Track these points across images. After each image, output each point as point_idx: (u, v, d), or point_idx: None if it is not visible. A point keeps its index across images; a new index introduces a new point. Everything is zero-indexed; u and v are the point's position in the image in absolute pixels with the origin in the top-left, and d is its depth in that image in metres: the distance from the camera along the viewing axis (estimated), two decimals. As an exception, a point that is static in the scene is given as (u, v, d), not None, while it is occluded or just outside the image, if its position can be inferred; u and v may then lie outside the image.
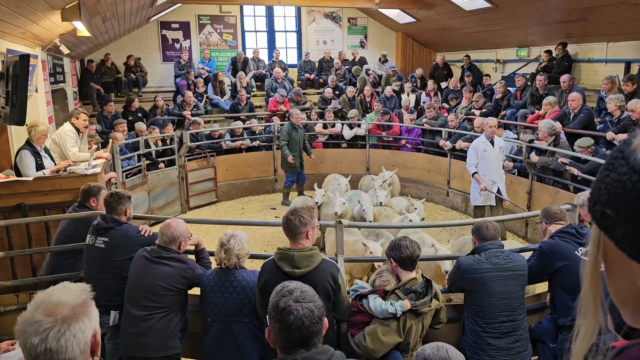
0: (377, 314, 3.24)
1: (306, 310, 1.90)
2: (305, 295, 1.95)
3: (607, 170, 0.69)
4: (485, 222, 3.77)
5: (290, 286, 2.01)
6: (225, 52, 14.97)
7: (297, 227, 3.15)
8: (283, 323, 1.89)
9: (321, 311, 1.95)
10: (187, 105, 11.59)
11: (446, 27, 13.34)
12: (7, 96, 4.47)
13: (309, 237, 3.21)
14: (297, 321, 1.88)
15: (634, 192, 0.64)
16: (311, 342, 1.91)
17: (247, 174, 10.75)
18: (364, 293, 3.38)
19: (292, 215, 3.18)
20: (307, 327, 1.88)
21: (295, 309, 1.89)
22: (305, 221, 3.17)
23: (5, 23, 5.41)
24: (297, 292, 1.97)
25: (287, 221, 3.18)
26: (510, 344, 3.45)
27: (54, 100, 9.34)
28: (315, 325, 1.91)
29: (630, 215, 0.64)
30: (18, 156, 5.54)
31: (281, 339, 1.91)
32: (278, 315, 1.91)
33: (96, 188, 4.57)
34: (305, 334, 1.89)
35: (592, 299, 0.75)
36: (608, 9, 8.44)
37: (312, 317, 1.90)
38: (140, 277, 3.56)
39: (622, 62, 9.42)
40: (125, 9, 9.04)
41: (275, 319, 1.92)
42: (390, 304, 3.23)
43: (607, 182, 0.68)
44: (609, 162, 0.69)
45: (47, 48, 8.07)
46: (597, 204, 0.69)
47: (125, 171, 8.63)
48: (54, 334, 1.43)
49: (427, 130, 10.35)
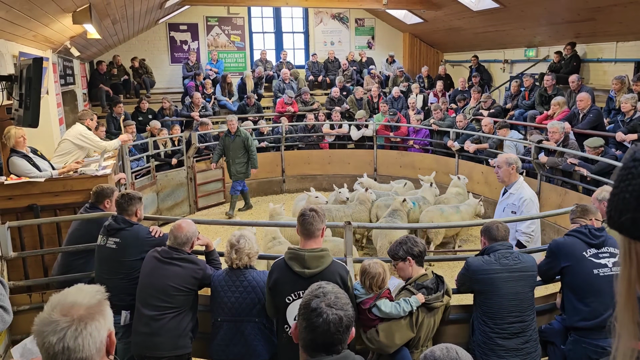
0: (394, 316, 3.24)
1: (335, 316, 1.87)
2: (338, 302, 1.92)
3: (626, 180, 0.69)
4: (494, 222, 3.76)
5: (327, 288, 1.99)
6: (233, 54, 15.03)
7: (317, 223, 3.16)
8: (310, 323, 1.87)
9: (350, 321, 1.93)
10: (195, 107, 11.66)
11: (454, 28, 13.31)
12: (21, 99, 4.51)
13: (323, 235, 3.23)
14: (324, 325, 1.86)
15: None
16: (334, 349, 1.89)
17: (255, 175, 10.76)
18: (369, 302, 3.30)
19: (310, 212, 3.18)
20: (332, 334, 1.86)
21: (325, 312, 1.87)
22: (323, 218, 3.20)
23: (18, 26, 5.47)
24: (332, 296, 1.94)
25: (306, 218, 3.17)
26: (520, 345, 3.45)
27: (64, 102, 9.43)
28: (341, 334, 1.88)
29: None
30: (10, 164, 5.49)
31: (304, 337, 1.90)
32: (307, 314, 1.90)
33: (110, 189, 4.62)
34: (329, 340, 1.87)
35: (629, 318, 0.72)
36: (617, 8, 8.39)
37: (340, 325, 1.87)
38: (151, 278, 3.60)
39: (632, 61, 9.36)
40: (135, 11, 9.11)
41: (304, 317, 1.91)
42: (403, 301, 3.23)
43: (631, 190, 0.67)
44: (626, 172, 0.69)
45: (58, 50, 8.15)
46: (624, 213, 0.68)
47: (134, 172, 8.70)
48: (71, 333, 1.46)
49: (434, 130, 10.34)
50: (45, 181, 5.27)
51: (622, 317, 0.72)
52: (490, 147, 9.07)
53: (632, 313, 0.72)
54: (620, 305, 0.73)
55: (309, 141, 11.44)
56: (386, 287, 3.36)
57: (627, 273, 0.72)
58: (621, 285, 0.72)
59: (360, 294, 3.30)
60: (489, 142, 9.11)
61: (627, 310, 0.72)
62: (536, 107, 9.71)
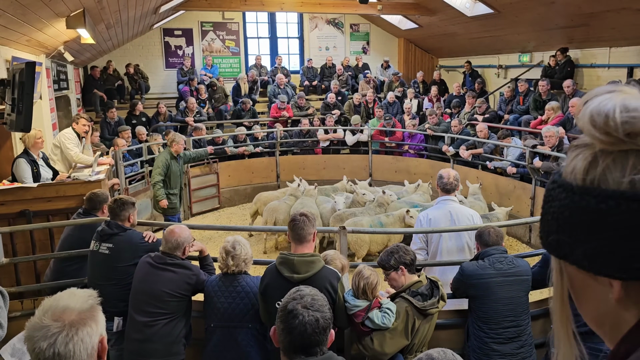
0: (386, 326, 3.21)
1: (312, 318, 1.90)
2: (315, 303, 1.95)
3: (548, 203, 0.72)
4: (488, 227, 3.76)
5: (304, 291, 2.01)
6: (227, 59, 15.04)
7: (308, 228, 3.15)
8: (287, 325, 1.90)
9: (328, 322, 1.94)
10: (189, 112, 11.64)
11: (448, 33, 13.37)
12: (13, 103, 4.49)
13: (314, 240, 3.21)
14: (300, 327, 1.88)
15: (579, 209, 0.66)
16: (312, 351, 1.90)
17: (250, 180, 10.76)
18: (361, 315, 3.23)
19: (300, 217, 3.17)
20: (309, 335, 1.88)
21: (301, 314, 1.90)
22: (313, 222, 3.19)
23: (11, 31, 5.45)
24: (308, 298, 1.97)
25: (297, 223, 3.16)
26: (515, 350, 3.44)
27: (58, 107, 9.40)
28: (318, 335, 1.90)
29: (584, 231, 0.66)
30: (15, 164, 5.61)
31: (283, 340, 1.92)
32: (285, 316, 1.92)
33: (105, 195, 4.60)
34: (306, 341, 1.88)
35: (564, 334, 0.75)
36: (610, 14, 8.46)
37: (316, 327, 1.90)
38: (144, 283, 3.57)
39: (625, 67, 9.42)
40: (129, 16, 9.10)
41: (281, 320, 1.93)
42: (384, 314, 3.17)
43: (552, 212, 0.70)
44: (547, 195, 0.73)
45: (52, 55, 8.13)
46: (550, 235, 0.71)
47: (128, 177, 8.66)
48: (62, 339, 1.44)
49: (429, 135, 10.36)
50: (38, 186, 5.24)
51: (559, 333, 0.76)
52: (485, 152, 9.09)
53: (567, 329, 0.75)
54: (556, 323, 0.76)
55: (303, 146, 11.43)
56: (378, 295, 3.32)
57: (559, 292, 0.75)
58: (555, 304, 0.76)
59: (351, 306, 3.22)
60: (483, 148, 9.14)
61: (562, 327, 0.75)
62: (530, 112, 9.76)
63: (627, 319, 0.67)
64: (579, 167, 0.67)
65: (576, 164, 0.68)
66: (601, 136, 0.65)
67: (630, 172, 0.63)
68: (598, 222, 0.64)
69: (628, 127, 0.63)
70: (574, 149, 0.70)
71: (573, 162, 0.69)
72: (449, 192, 4.38)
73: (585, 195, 0.66)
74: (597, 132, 0.65)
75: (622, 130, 0.63)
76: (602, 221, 0.64)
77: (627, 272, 0.63)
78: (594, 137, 0.66)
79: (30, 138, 5.64)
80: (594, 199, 0.65)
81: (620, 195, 0.62)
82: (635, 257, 0.62)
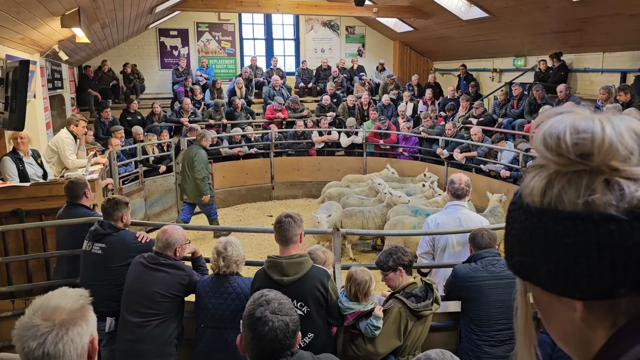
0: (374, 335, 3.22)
1: (281, 323, 1.88)
2: (283, 308, 1.93)
3: (509, 225, 0.73)
4: (481, 230, 3.77)
5: (269, 296, 1.99)
6: (223, 60, 15.02)
7: (293, 229, 3.14)
8: (256, 333, 1.87)
9: (296, 325, 1.94)
10: (184, 112, 11.61)
11: (443, 36, 13.42)
12: (7, 101, 4.47)
13: (302, 241, 3.21)
14: (271, 333, 1.87)
15: (539, 231, 0.67)
16: (282, 355, 1.90)
17: (244, 181, 10.74)
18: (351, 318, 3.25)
19: (286, 218, 3.17)
20: (280, 340, 1.87)
21: (270, 320, 1.88)
22: (299, 223, 3.18)
23: (5, 29, 5.42)
24: (275, 303, 1.95)
25: (282, 225, 3.15)
26: (507, 352, 3.45)
27: (52, 107, 9.35)
28: (289, 339, 1.90)
29: (544, 253, 0.66)
30: (1, 162, 5.63)
31: (252, 348, 1.90)
32: (253, 324, 1.89)
33: (82, 180, 4.59)
34: (277, 347, 1.88)
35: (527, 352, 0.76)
36: (604, 19, 8.52)
37: (287, 331, 1.89)
38: (137, 284, 3.55)
39: (618, 72, 9.48)
40: (125, 16, 9.07)
41: (249, 328, 1.90)
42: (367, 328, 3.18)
43: (513, 234, 0.71)
44: (508, 217, 0.73)
45: (46, 54, 8.09)
46: (513, 257, 0.72)
47: (122, 177, 8.62)
48: (52, 339, 1.43)
49: (424, 138, 10.38)
50: (31, 186, 5.22)
51: (522, 353, 0.77)
52: (479, 155, 9.12)
53: (530, 349, 0.76)
54: (519, 342, 0.77)
55: (298, 148, 11.43)
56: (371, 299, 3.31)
57: (523, 312, 0.76)
58: (519, 323, 0.77)
59: (344, 308, 3.23)
60: (477, 151, 9.17)
61: (525, 347, 0.76)
62: (525, 115, 9.80)
63: (595, 337, 0.67)
64: (537, 188, 0.68)
65: (534, 185, 0.68)
66: (554, 158, 0.66)
67: (584, 193, 0.63)
68: (556, 243, 0.65)
69: (579, 149, 0.63)
70: (532, 170, 0.70)
71: (531, 183, 0.69)
72: (460, 198, 4.39)
73: (543, 217, 0.66)
74: (550, 154, 0.66)
75: (573, 152, 0.64)
76: (559, 242, 0.64)
77: (587, 292, 0.64)
78: (548, 159, 0.67)
79: (10, 138, 5.71)
80: (551, 221, 0.65)
81: (576, 216, 0.63)
82: (593, 278, 0.63)
